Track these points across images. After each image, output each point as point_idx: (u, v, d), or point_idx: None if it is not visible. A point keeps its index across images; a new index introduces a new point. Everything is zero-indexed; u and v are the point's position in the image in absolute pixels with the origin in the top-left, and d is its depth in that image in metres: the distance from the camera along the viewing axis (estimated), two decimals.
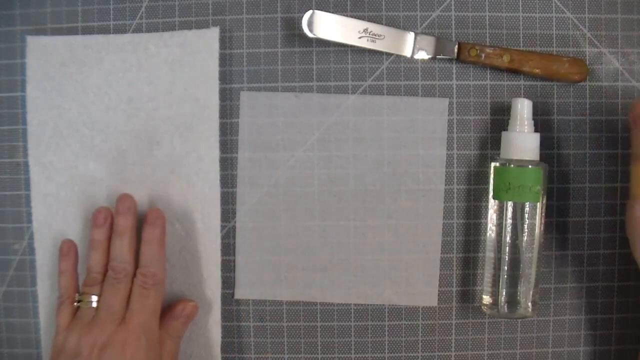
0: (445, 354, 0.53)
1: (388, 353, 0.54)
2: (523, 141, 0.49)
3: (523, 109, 0.49)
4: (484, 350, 0.53)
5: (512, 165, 0.49)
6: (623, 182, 0.52)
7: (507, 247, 0.49)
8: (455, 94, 0.53)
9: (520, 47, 0.52)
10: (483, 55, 0.51)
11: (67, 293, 0.49)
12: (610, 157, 0.52)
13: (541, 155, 0.50)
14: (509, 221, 0.49)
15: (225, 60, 0.53)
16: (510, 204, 0.49)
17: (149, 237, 0.49)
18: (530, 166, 0.49)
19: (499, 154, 0.50)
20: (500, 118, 0.52)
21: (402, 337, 0.53)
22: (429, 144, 0.53)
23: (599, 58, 0.52)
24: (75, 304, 0.49)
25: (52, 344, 0.48)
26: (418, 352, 0.53)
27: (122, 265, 0.48)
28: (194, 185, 0.53)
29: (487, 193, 0.51)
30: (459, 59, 0.52)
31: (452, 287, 0.53)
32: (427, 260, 0.53)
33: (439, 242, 0.53)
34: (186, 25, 0.53)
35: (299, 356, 0.54)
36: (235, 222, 0.54)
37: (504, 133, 0.50)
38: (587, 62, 0.52)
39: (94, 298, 0.48)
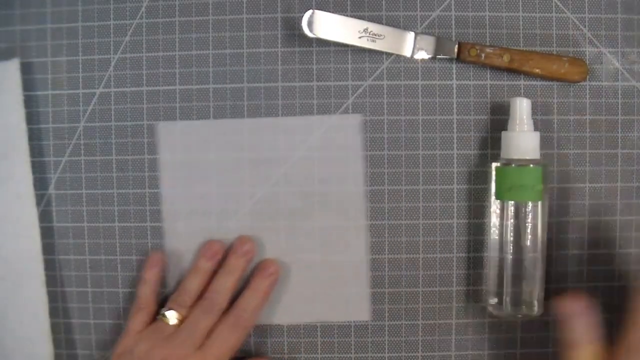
0: (445, 354, 0.53)
1: (388, 353, 0.53)
2: (523, 140, 0.49)
3: (522, 108, 0.49)
4: (484, 350, 0.53)
5: (512, 165, 0.49)
6: (623, 182, 0.52)
7: (510, 247, 0.49)
8: (455, 94, 0.53)
9: (520, 47, 0.52)
10: (483, 55, 0.51)
11: (146, 302, 0.51)
12: (610, 157, 0.52)
13: (541, 155, 0.50)
14: (511, 221, 0.49)
15: (224, 60, 0.53)
16: (512, 204, 0.49)
17: (255, 286, 0.51)
18: (531, 165, 0.49)
19: (500, 153, 0.50)
20: (500, 118, 0.52)
21: (402, 337, 0.53)
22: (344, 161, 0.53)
23: (599, 58, 0.52)
24: (157, 316, 0.50)
25: (120, 343, 0.49)
26: (418, 352, 0.53)
27: (221, 299, 0.50)
28: (13, 210, 0.53)
29: (488, 193, 0.51)
30: (459, 58, 0.52)
31: (452, 287, 0.53)
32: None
33: (438, 241, 0.53)
34: (186, 25, 0.53)
35: (299, 356, 0.54)
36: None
37: (503, 133, 0.50)
38: (587, 62, 0.52)
39: (177, 317, 0.49)
